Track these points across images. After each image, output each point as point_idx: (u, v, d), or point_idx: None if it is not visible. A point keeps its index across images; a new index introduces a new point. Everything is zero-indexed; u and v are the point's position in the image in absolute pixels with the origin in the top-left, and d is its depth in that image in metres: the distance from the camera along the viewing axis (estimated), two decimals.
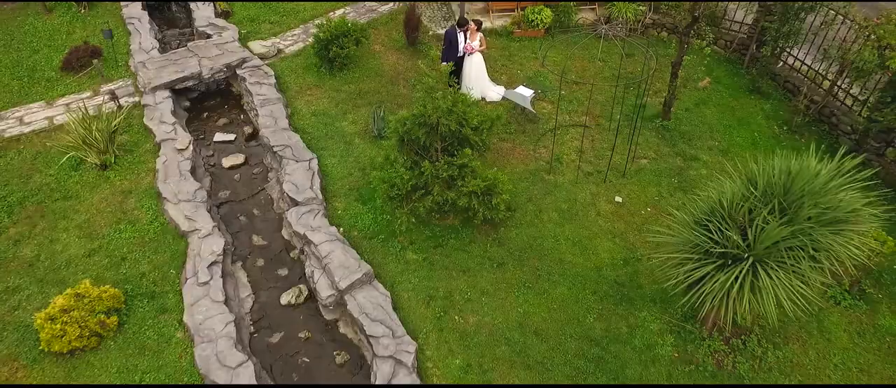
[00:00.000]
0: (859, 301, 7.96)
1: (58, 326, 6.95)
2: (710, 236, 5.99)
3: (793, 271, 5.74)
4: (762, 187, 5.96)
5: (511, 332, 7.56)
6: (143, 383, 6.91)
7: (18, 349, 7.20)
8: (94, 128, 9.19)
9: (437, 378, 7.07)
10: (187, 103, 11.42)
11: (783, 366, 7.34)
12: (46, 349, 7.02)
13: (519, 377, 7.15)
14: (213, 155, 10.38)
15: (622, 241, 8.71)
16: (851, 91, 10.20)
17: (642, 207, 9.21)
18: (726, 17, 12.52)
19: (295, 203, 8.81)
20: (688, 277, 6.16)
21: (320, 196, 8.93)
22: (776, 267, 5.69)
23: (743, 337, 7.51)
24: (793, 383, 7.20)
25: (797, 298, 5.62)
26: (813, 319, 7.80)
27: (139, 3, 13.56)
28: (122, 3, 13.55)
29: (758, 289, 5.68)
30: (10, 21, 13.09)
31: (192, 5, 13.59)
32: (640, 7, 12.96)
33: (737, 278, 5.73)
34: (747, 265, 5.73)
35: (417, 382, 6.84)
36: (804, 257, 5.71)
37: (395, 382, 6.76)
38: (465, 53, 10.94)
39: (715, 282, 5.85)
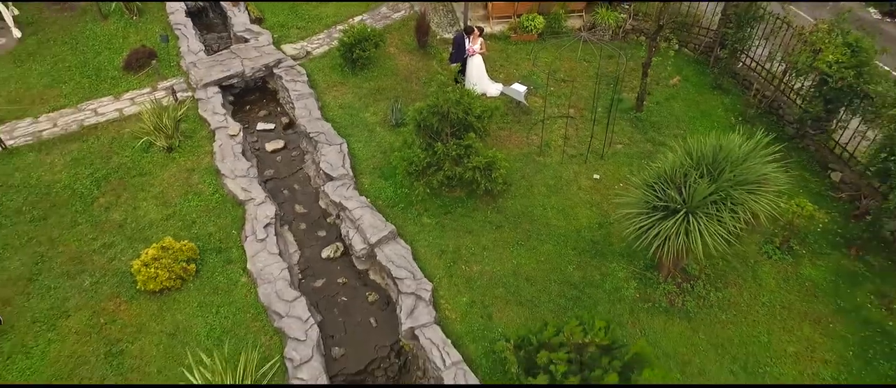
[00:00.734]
0: (787, 256, 9.90)
1: (151, 270, 8.89)
2: (657, 194, 7.94)
3: (717, 220, 7.66)
4: (696, 158, 7.91)
5: (507, 278, 9.49)
6: (221, 313, 8.85)
7: (119, 289, 9.14)
8: (164, 117, 11.14)
9: (449, 311, 9.00)
10: (231, 98, 13.34)
11: (722, 304, 9.27)
12: (142, 288, 8.97)
13: (513, 311, 9.07)
14: (256, 141, 12.33)
15: (598, 209, 10.65)
16: (794, 87, 12.14)
17: (616, 182, 11.13)
18: (696, 25, 14.47)
19: (330, 178, 10.76)
20: (640, 227, 8.09)
21: (350, 173, 10.88)
22: (703, 216, 7.62)
23: (691, 282, 9.45)
24: (732, 316, 9.13)
25: (716, 238, 7.55)
26: (748, 269, 9.76)
27: (183, 11, 15.50)
28: (169, 11, 15.49)
29: (689, 233, 7.62)
30: (72, 27, 15.02)
31: (230, 13, 15.52)
32: (621, 15, 14.92)
33: (675, 224, 7.67)
34: (682, 215, 7.67)
35: (434, 313, 8.77)
36: (725, 209, 7.65)
37: (416, 312, 8.69)
38: (467, 54, 12.86)
39: (659, 228, 7.78)
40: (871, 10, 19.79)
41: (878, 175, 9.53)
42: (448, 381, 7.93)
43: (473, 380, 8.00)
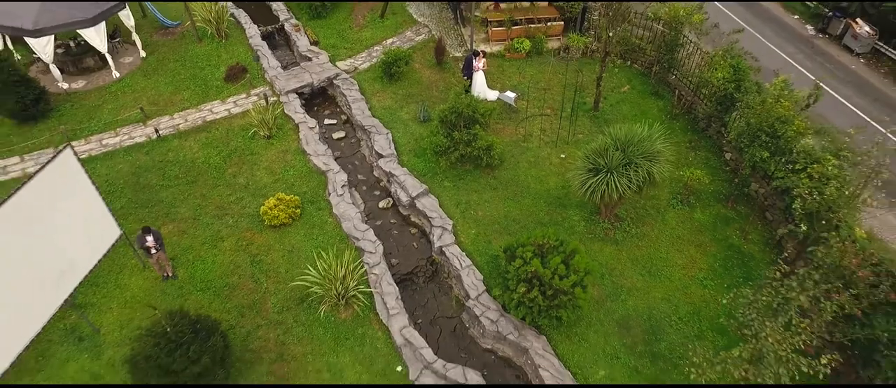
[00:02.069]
0: (686, 207, 15.00)
1: (274, 212, 13.99)
2: (591, 161, 13.05)
3: (626, 177, 12.76)
4: (614, 139, 13.02)
5: (501, 219, 14.58)
6: (319, 239, 13.94)
7: (252, 225, 14.24)
8: (267, 114, 16.27)
9: (463, 238, 14.08)
10: (303, 101, 18.40)
11: (640, 235, 14.34)
12: (268, 224, 14.06)
13: (504, 238, 14.05)
14: (325, 131, 17.44)
15: (562, 178, 15.71)
16: (703, 93, 17.22)
17: (576, 160, 16.20)
18: (640, 48, 19.56)
19: (381, 156, 15.87)
20: (582, 181, 13.20)
21: (395, 152, 15.99)
22: (617, 174, 12.72)
23: (620, 222, 14.55)
24: (645, 242, 14.19)
25: (624, 187, 12.65)
26: (659, 215, 14.86)
27: (259, 36, 20.60)
28: (249, 36, 20.59)
29: (608, 183, 12.72)
30: (178, 48, 20.13)
31: (294, 37, 20.63)
32: (588, 39, 20.02)
33: (599, 178, 12.78)
34: (604, 173, 12.78)
35: (454, 238, 13.84)
36: (632, 170, 12.74)
37: (443, 238, 13.77)
38: (474, 71, 17.95)
39: (591, 181, 12.90)
40: (808, 26, 24.95)
41: (736, 150, 14.62)
42: (464, 277, 13.02)
43: (479, 276, 13.10)
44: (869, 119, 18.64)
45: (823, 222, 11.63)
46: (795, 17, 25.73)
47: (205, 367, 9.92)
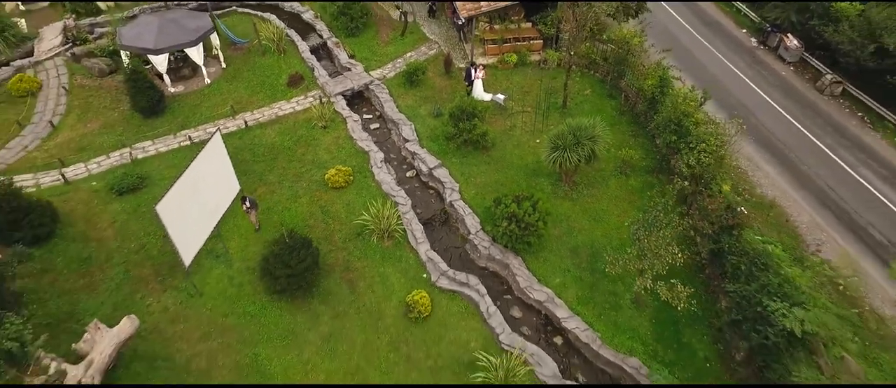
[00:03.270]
0: (623, 176, 21.23)
1: (335, 178, 20.25)
2: (553, 142, 19.32)
3: (576, 152, 19.01)
4: (569, 126, 19.30)
5: (492, 183, 20.80)
6: (367, 196, 20.21)
7: (319, 187, 20.47)
8: (324, 110, 22.53)
9: (466, 195, 20.30)
10: (346, 101, 24.61)
11: (590, 195, 20.57)
12: (331, 186, 20.30)
13: (493, 195, 20.33)
14: (364, 124, 23.67)
15: (537, 156, 21.92)
16: (642, 96, 23.44)
17: (545, 143, 22.43)
18: (599, 61, 25.79)
19: (407, 141, 22.11)
20: (548, 155, 19.46)
21: (417, 138, 22.23)
22: (570, 150, 18.97)
23: (577, 186, 20.78)
24: (593, 199, 20.45)
25: (575, 159, 18.88)
26: (604, 181, 21.11)
27: (308, 51, 26.84)
28: (301, 51, 26.80)
29: (564, 157, 18.95)
30: (247, 60, 26.34)
31: (335, 51, 26.86)
32: (561, 53, 26.24)
33: (558, 153, 19.04)
34: (561, 149, 19.04)
35: (459, 196, 20.08)
36: (581, 148, 18.99)
37: (452, 195, 20.02)
38: (473, 79, 24.17)
39: (553, 155, 19.17)
40: (752, 39, 31.05)
41: (657, 136, 20.88)
42: (467, 220, 19.24)
43: (476, 219, 19.32)
44: (790, 117, 24.58)
45: (702, 181, 17.89)
46: (744, 30, 31.78)
47: (308, 265, 16.16)
